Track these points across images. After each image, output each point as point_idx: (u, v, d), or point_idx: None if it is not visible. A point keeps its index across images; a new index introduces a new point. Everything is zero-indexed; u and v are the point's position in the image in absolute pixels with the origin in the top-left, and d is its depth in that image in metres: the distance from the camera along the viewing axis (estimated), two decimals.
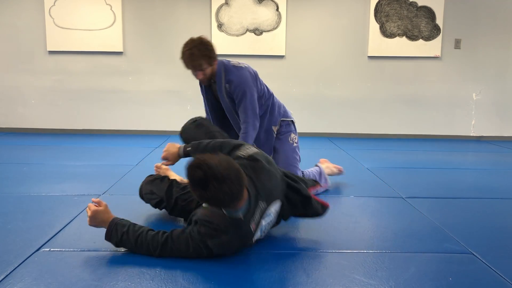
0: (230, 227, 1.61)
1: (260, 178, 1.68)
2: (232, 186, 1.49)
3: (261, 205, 1.67)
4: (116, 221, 1.75)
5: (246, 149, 1.80)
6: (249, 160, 1.72)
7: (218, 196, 1.50)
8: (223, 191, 1.48)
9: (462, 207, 2.48)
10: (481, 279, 1.55)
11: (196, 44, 2.47)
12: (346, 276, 1.56)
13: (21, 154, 4.00)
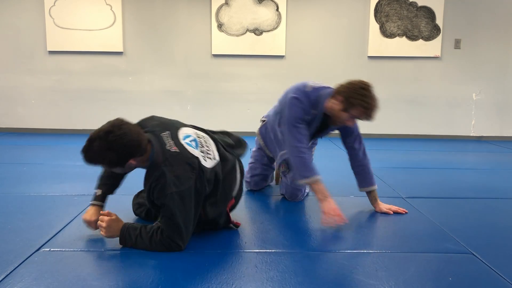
0: (179, 162, 1.70)
1: (146, 124, 1.83)
2: (118, 132, 1.61)
3: (164, 135, 1.78)
4: (128, 226, 1.78)
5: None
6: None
7: (120, 144, 1.60)
8: (116, 139, 1.60)
9: (462, 207, 2.48)
10: (481, 279, 1.55)
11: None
12: (346, 276, 1.56)
13: (21, 154, 4.00)
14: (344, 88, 2.14)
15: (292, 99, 2.22)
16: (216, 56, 5.35)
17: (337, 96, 2.16)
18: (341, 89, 2.15)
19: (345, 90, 2.12)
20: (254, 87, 5.44)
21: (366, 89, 2.08)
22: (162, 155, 1.72)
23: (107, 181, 1.96)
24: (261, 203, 2.50)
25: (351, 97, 2.08)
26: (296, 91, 2.26)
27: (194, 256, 1.71)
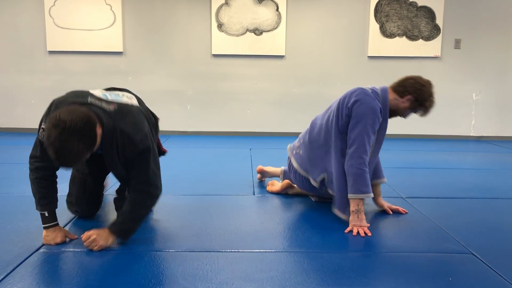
0: (126, 113, 1.77)
1: (62, 104, 1.80)
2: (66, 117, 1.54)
3: (93, 101, 1.77)
4: (113, 223, 1.81)
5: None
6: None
7: (81, 127, 1.53)
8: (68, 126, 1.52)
9: (462, 207, 2.48)
10: (481, 279, 1.55)
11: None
12: (346, 276, 1.56)
13: (21, 154, 3.99)
14: (411, 87, 2.22)
15: (371, 109, 2.19)
16: (216, 56, 5.35)
17: (404, 95, 2.23)
18: (408, 87, 2.23)
19: (414, 89, 2.20)
20: (254, 87, 5.44)
21: (432, 88, 2.19)
22: (109, 117, 1.72)
23: (46, 199, 1.86)
24: (261, 203, 2.50)
25: (423, 98, 2.17)
26: (368, 98, 2.26)
27: (194, 256, 1.71)
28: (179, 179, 2.99)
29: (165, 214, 2.25)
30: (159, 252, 1.74)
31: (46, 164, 1.84)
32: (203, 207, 2.38)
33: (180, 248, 1.79)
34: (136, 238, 1.89)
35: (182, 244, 1.83)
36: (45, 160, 1.83)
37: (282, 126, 5.47)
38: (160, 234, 1.95)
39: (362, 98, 2.24)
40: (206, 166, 3.54)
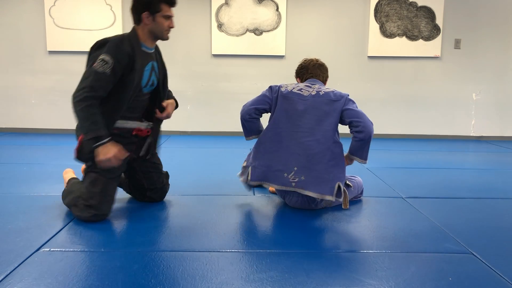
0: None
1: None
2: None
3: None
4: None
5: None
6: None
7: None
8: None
9: (462, 207, 2.48)
10: (481, 279, 1.56)
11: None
12: (346, 276, 1.56)
13: (21, 154, 4.00)
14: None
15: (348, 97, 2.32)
16: (216, 56, 5.35)
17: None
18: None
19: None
20: (254, 87, 5.44)
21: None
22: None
23: (97, 124, 1.97)
24: (261, 203, 2.50)
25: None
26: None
27: (194, 256, 1.71)
28: (179, 179, 2.99)
29: (165, 214, 2.25)
30: (159, 252, 1.74)
31: (96, 94, 2.00)
32: (203, 207, 2.38)
33: (180, 248, 1.79)
34: (136, 238, 1.89)
35: (182, 244, 1.83)
36: (95, 90, 2.00)
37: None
38: (160, 234, 1.95)
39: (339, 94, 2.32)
40: (206, 166, 3.54)
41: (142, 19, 2.17)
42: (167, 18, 2.19)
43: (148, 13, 2.15)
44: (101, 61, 2.06)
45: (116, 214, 2.25)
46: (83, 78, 2.05)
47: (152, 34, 2.21)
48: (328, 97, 2.25)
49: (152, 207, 2.36)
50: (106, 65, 2.04)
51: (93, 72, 2.04)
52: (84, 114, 1.96)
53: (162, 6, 2.15)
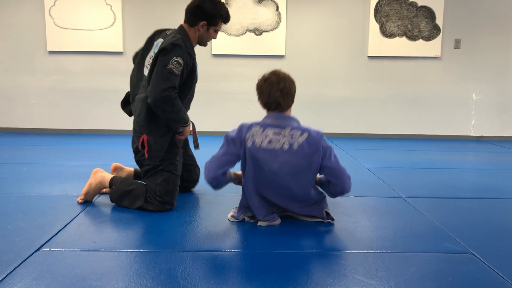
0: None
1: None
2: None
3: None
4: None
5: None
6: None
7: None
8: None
9: (462, 207, 2.48)
10: (481, 279, 1.55)
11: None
12: (346, 276, 1.56)
13: (21, 154, 4.00)
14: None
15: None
16: (216, 56, 5.35)
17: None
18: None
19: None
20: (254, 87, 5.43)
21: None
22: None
23: (184, 112, 2.32)
24: None
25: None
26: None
27: (194, 256, 1.71)
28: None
29: (165, 214, 2.25)
30: (159, 252, 1.74)
31: (177, 92, 2.25)
32: (203, 207, 2.38)
33: (180, 248, 1.79)
34: (136, 239, 1.89)
35: (182, 244, 1.83)
36: (177, 88, 2.25)
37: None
38: (159, 234, 1.95)
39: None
40: None
41: (198, 25, 2.43)
42: (216, 32, 2.50)
43: (205, 23, 2.41)
44: (176, 63, 2.23)
45: (116, 214, 2.25)
46: (162, 78, 2.19)
47: (199, 39, 2.47)
48: (303, 151, 1.95)
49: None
50: (180, 67, 2.23)
51: (172, 73, 2.20)
52: (178, 107, 2.23)
53: (219, 22, 2.45)
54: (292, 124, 2.01)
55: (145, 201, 2.27)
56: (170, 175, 2.32)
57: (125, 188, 2.32)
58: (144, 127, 2.31)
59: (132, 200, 2.29)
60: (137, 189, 2.30)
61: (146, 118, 2.30)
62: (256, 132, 1.98)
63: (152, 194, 2.27)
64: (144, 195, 2.28)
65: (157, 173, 2.31)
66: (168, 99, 2.18)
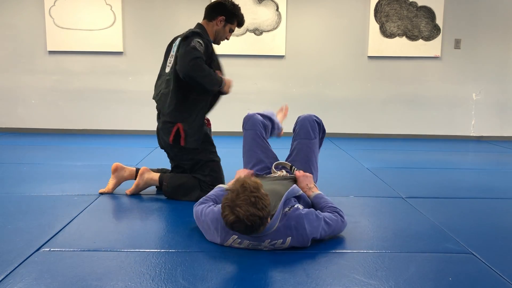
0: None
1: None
2: None
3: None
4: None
5: None
6: None
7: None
8: None
9: (462, 207, 2.48)
10: (481, 279, 1.55)
11: None
12: (346, 276, 1.56)
13: (21, 154, 4.00)
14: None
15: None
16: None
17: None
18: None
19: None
20: (254, 87, 5.44)
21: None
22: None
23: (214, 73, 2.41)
24: None
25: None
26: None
27: (194, 256, 1.71)
28: None
29: (165, 214, 2.25)
30: (160, 252, 1.74)
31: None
32: None
33: (180, 248, 1.79)
34: (136, 238, 1.89)
35: (182, 244, 1.83)
36: (203, 58, 2.36)
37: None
38: (160, 234, 1.95)
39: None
40: None
41: (216, 19, 2.56)
42: (230, 32, 2.69)
43: (223, 18, 2.56)
44: (198, 42, 2.34)
45: (116, 214, 2.25)
46: (187, 53, 2.29)
47: (215, 35, 2.60)
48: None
49: (151, 207, 2.36)
50: (201, 46, 2.35)
51: (195, 48, 2.30)
52: (208, 71, 2.33)
53: (236, 22, 2.64)
54: (271, 231, 1.73)
55: (201, 190, 2.45)
56: (213, 164, 2.53)
57: (176, 182, 2.48)
58: (177, 116, 2.43)
59: (186, 191, 2.47)
60: (188, 182, 2.48)
61: (176, 107, 2.43)
62: (233, 242, 1.77)
63: (205, 184, 2.47)
64: (199, 186, 2.48)
65: (202, 166, 2.50)
66: (197, 66, 2.28)
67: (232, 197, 1.61)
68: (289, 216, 1.76)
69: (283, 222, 1.74)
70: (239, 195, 1.60)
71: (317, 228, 1.79)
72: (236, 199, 1.60)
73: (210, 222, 1.81)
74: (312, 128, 2.38)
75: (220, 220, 1.71)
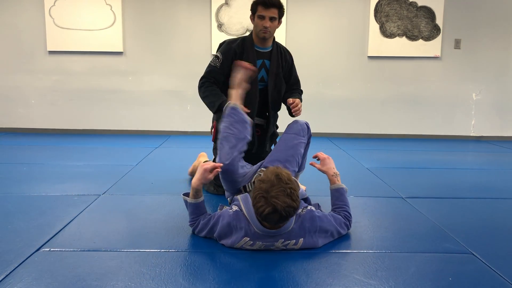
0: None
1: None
2: None
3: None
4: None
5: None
6: None
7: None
8: None
9: (462, 207, 2.48)
10: (481, 279, 1.55)
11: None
12: (346, 276, 1.56)
13: (21, 154, 4.00)
14: None
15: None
16: None
17: None
18: None
19: None
20: None
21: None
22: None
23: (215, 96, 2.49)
24: None
25: None
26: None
27: (194, 256, 1.71)
28: (179, 179, 2.99)
29: (165, 214, 2.25)
30: (159, 252, 1.74)
31: (209, 80, 2.54)
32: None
33: (180, 248, 1.79)
34: (136, 238, 1.89)
35: (182, 244, 1.83)
36: (208, 78, 2.55)
37: (282, 126, 5.46)
38: (160, 234, 1.95)
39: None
40: None
41: (251, 19, 2.54)
42: (261, 18, 2.47)
43: (252, 15, 2.51)
44: (215, 56, 2.57)
45: (116, 214, 2.25)
46: (204, 73, 2.58)
47: (256, 32, 2.52)
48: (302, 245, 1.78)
49: (151, 207, 2.36)
50: (217, 60, 2.53)
51: (208, 65, 2.57)
52: (206, 93, 2.49)
53: (258, 7, 2.46)
54: (286, 231, 1.73)
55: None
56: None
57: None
58: (214, 116, 2.63)
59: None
60: None
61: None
62: (245, 244, 1.74)
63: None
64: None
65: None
66: (199, 87, 2.55)
67: (266, 188, 1.61)
68: (304, 218, 1.77)
69: (298, 223, 1.75)
70: (274, 186, 1.61)
71: (329, 232, 1.84)
72: (271, 190, 1.60)
73: (221, 230, 1.79)
74: (302, 129, 2.39)
75: (232, 223, 1.74)
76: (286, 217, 1.63)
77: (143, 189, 2.74)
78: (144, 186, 2.80)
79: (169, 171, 3.25)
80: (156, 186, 2.82)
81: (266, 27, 2.46)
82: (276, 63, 2.62)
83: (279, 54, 2.64)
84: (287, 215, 1.61)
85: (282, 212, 1.59)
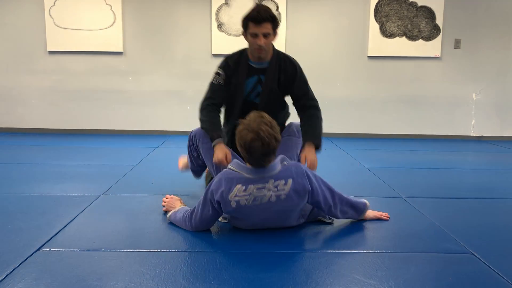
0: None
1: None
2: None
3: None
4: (313, 138, 2.33)
5: None
6: None
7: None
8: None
9: (462, 207, 2.48)
10: (481, 279, 1.55)
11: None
12: (346, 276, 1.56)
13: (21, 154, 4.00)
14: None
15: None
16: (216, 56, 5.35)
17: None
18: None
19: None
20: None
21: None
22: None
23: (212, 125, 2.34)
24: None
25: None
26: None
27: (194, 256, 1.71)
28: (179, 179, 2.99)
29: (165, 214, 2.25)
30: (159, 252, 1.74)
31: (214, 101, 2.46)
32: None
33: (180, 248, 1.79)
34: (136, 238, 1.89)
35: (182, 244, 1.83)
36: (213, 98, 2.46)
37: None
38: (159, 234, 1.95)
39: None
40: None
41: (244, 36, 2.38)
42: (254, 36, 2.28)
43: (244, 32, 2.34)
44: (216, 74, 2.47)
45: (116, 214, 2.25)
46: (206, 90, 2.50)
47: (250, 50, 2.39)
48: (291, 199, 1.86)
49: (150, 207, 2.36)
50: (219, 77, 2.45)
51: (210, 83, 2.50)
52: (204, 118, 2.39)
53: (249, 23, 2.26)
54: (274, 172, 1.84)
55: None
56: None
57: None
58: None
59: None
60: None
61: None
62: (238, 192, 1.80)
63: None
64: None
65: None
66: (200, 109, 2.46)
67: (248, 122, 1.80)
68: (290, 164, 1.92)
69: (284, 167, 1.88)
70: (256, 119, 1.80)
71: (318, 183, 1.92)
72: (252, 123, 1.79)
73: (206, 202, 1.88)
74: (297, 130, 2.45)
75: (223, 176, 1.85)
76: (269, 145, 1.77)
77: (143, 189, 2.73)
78: (144, 186, 2.80)
79: (169, 171, 3.25)
80: (156, 186, 2.82)
81: (260, 46, 2.27)
82: (271, 78, 2.44)
83: (277, 68, 2.44)
84: (269, 143, 1.76)
85: (265, 138, 1.75)
